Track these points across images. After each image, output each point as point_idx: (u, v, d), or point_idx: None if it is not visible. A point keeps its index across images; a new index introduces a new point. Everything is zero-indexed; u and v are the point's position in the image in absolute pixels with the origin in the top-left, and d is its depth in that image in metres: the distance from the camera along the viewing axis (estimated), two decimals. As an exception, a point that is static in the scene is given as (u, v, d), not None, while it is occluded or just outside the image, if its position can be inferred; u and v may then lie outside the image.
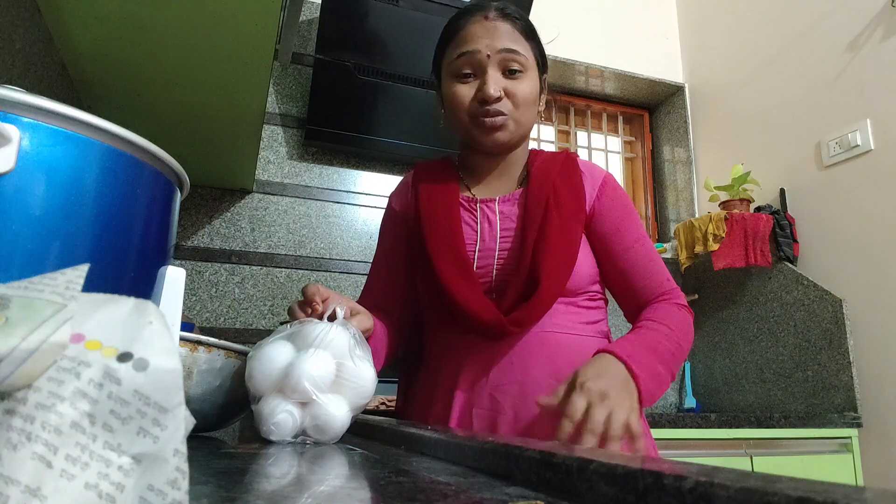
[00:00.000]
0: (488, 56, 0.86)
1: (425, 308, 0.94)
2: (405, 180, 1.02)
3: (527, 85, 0.87)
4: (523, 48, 0.88)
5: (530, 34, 0.91)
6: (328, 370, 0.60)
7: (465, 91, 0.87)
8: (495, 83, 0.85)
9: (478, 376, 0.84)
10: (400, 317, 0.94)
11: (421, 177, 0.97)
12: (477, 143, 0.90)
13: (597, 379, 0.69)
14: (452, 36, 0.90)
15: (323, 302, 0.69)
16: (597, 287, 0.91)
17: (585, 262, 0.88)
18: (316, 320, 0.66)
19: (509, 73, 0.86)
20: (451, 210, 0.90)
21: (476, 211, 0.91)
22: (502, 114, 0.86)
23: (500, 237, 0.88)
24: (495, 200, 0.92)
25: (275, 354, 0.62)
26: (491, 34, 0.87)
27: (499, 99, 0.85)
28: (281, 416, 0.58)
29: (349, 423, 0.61)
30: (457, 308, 0.84)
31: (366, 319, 0.74)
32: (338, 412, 0.59)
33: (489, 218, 0.90)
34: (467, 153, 0.97)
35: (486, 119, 0.86)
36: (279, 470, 0.42)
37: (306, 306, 0.69)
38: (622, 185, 2.66)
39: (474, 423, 0.84)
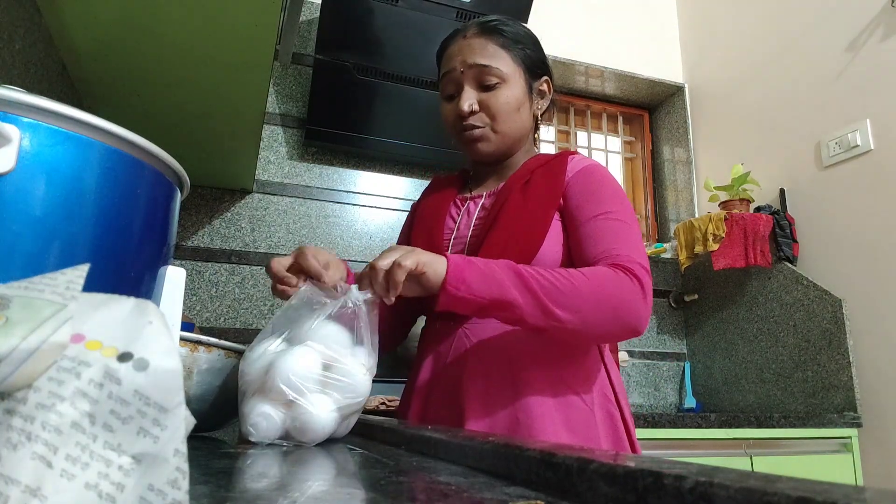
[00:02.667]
0: (462, 73, 0.91)
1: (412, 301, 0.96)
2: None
3: (504, 95, 0.90)
4: (500, 60, 0.90)
5: (513, 43, 0.92)
6: (310, 369, 0.59)
7: (449, 109, 0.94)
8: (468, 99, 0.90)
9: (437, 361, 0.88)
10: (399, 306, 0.96)
11: (432, 184, 1.07)
12: (466, 154, 0.96)
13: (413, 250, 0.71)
14: (440, 58, 0.97)
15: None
16: None
17: (553, 248, 0.85)
18: (315, 302, 0.65)
19: (485, 87, 0.90)
20: (439, 207, 0.98)
21: (462, 207, 0.97)
22: (479, 126, 0.91)
23: (473, 226, 0.92)
24: (482, 196, 0.96)
25: (262, 353, 0.62)
26: (465, 52, 0.91)
27: (472, 113, 0.90)
28: (256, 419, 0.57)
29: (336, 424, 0.59)
30: None
31: (335, 273, 0.80)
32: (319, 412, 0.57)
33: (469, 211, 0.95)
34: (471, 162, 1.02)
35: (465, 133, 0.92)
36: (278, 469, 0.42)
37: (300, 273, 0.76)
38: (622, 185, 2.67)
39: (433, 408, 0.86)
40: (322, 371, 0.60)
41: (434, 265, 0.69)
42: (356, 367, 0.61)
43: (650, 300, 0.77)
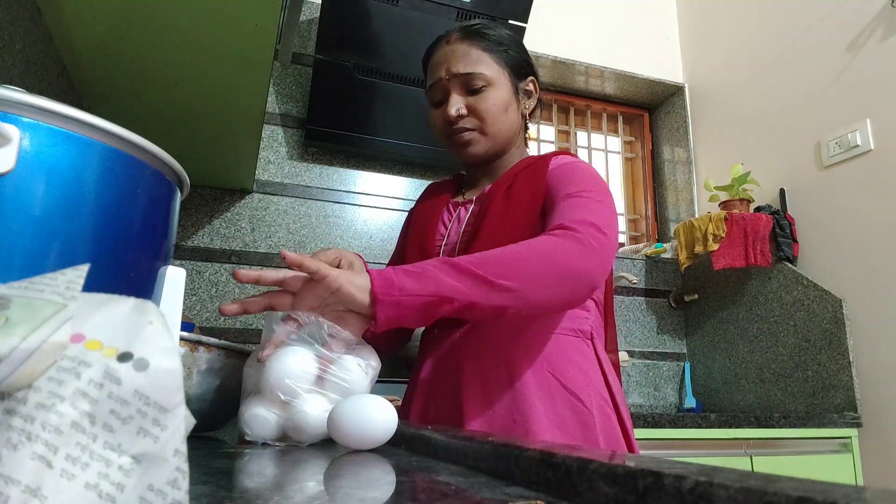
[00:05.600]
0: (448, 79, 0.92)
1: None
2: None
3: (491, 98, 0.91)
4: (484, 64, 0.91)
5: (496, 46, 0.93)
6: (305, 369, 0.59)
7: (438, 115, 0.95)
8: (456, 104, 0.91)
9: (436, 365, 0.89)
10: None
11: (427, 190, 1.08)
12: (457, 158, 0.97)
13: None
14: (426, 67, 0.98)
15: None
16: None
17: None
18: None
19: (472, 91, 0.91)
20: (432, 212, 0.99)
21: (454, 212, 0.97)
22: (468, 130, 0.92)
23: (462, 232, 0.93)
24: (472, 201, 0.96)
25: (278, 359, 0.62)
26: (449, 59, 0.92)
27: (461, 117, 0.91)
28: (250, 419, 0.58)
29: None
30: None
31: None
32: (313, 412, 0.57)
33: (460, 216, 0.96)
34: (464, 165, 1.03)
35: (455, 137, 0.93)
36: (278, 469, 0.42)
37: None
38: (621, 185, 2.67)
39: (434, 411, 0.86)
40: (317, 371, 0.60)
41: (349, 278, 0.65)
42: (353, 366, 0.61)
43: (597, 252, 0.74)
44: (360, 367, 0.62)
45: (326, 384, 0.60)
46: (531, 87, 0.98)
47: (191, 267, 1.78)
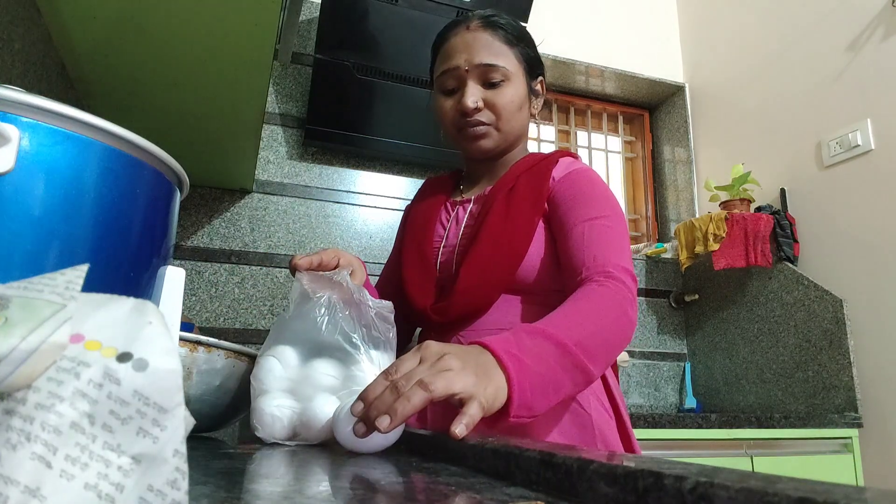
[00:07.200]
0: (467, 70, 0.88)
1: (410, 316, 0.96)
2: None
3: (509, 93, 0.88)
4: (505, 58, 0.89)
5: (516, 41, 0.91)
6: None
7: (449, 104, 0.91)
8: (473, 95, 0.87)
9: None
10: (398, 320, 0.96)
11: (424, 187, 1.06)
12: (464, 151, 0.94)
13: (446, 348, 0.55)
14: (438, 50, 0.94)
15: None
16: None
17: (537, 257, 0.84)
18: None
19: (490, 84, 0.88)
20: (430, 211, 0.97)
21: (452, 212, 0.96)
22: (483, 123, 0.89)
23: (462, 234, 0.91)
24: (471, 201, 0.94)
25: (289, 357, 0.63)
26: (470, 47, 0.89)
27: (477, 110, 0.88)
28: (262, 416, 0.59)
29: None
30: (404, 296, 0.90)
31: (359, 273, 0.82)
32: (325, 410, 0.58)
33: (459, 217, 0.94)
34: (465, 160, 1.01)
35: (468, 130, 0.89)
36: (279, 470, 0.42)
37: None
38: (622, 185, 2.67)
39: (433, 412, 0.85)
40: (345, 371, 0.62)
41: (488, 393, 0.54)
42: (371, 371, 0.62)
43: (636, 305, 0.76)
44: (375, 373, 0.63)
45: (342, 385, 0.61)
46: (540, 87, 0.97)
47: (190, 267, 1.78)
